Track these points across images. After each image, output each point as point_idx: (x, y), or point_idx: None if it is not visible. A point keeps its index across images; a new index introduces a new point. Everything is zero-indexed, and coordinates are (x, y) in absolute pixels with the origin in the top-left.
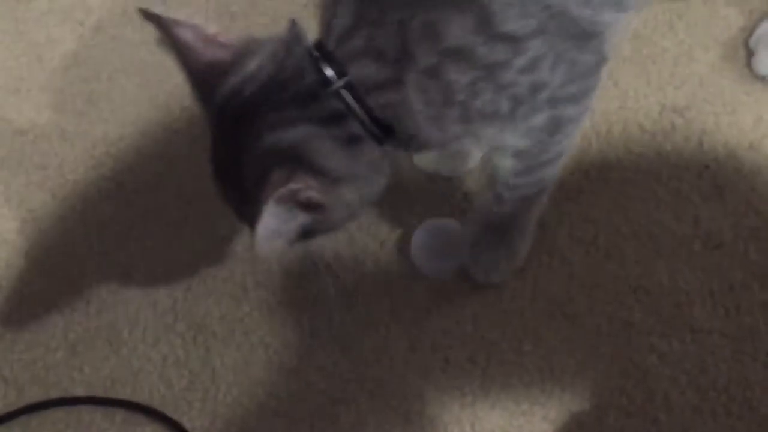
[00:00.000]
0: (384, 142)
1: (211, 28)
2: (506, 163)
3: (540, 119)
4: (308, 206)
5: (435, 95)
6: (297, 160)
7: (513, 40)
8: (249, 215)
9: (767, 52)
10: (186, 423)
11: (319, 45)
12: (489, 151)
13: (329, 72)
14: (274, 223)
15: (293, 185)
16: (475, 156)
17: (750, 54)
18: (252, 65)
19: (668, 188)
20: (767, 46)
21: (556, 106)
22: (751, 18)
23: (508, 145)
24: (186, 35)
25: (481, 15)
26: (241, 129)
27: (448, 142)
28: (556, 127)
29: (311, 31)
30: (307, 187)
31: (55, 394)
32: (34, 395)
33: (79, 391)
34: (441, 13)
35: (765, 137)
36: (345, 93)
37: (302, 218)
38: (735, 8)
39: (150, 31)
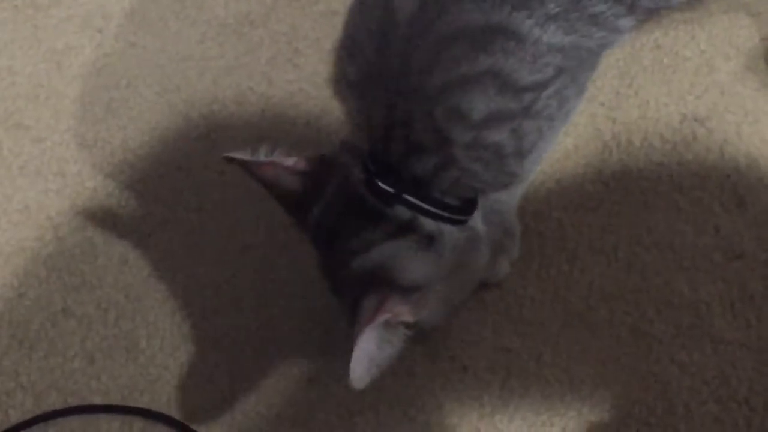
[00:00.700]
0: (468, 216)
1: (288, 160)
2: None
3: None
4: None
5: (486, 156)
6: (384, 283)
7: (536, 86)
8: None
9: None
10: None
11: (373, 158)
12: None
13: (385, 186)
14: (368, 350)
15: (382, 315)
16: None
17: None
18: (328, 194)
19: (689, 198)
20: None
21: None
22: None
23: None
24: (268, 173)
25: (498, 80)
26: (333, 254)
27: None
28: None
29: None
30: (398, 313)
31: (72, 402)
32: (51, 403)
33: (97, 400)
34: (459, 96)
35: None
36: (408, 197)
37: (398, 344)
38: (756, 18)
39: (168, 39)
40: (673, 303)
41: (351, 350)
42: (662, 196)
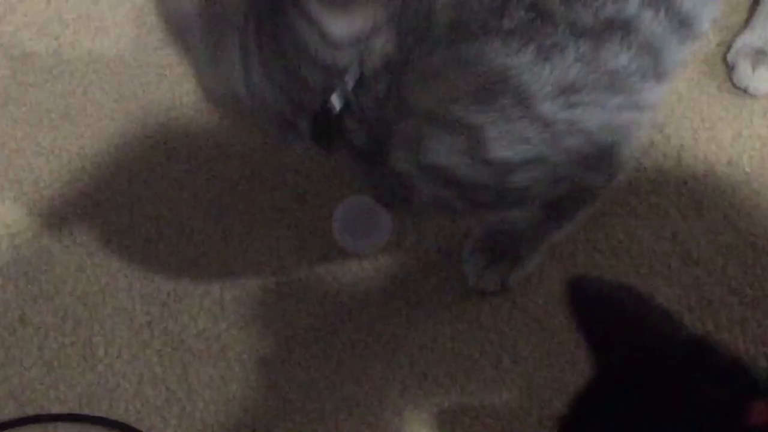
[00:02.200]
0: None
1: None
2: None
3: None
4: None
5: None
6: None
7: (501, 165)
8: None
9: (747, 64)
10: None
11: None
12: None
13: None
14: None
15: None
16: None
17: (729, 68)
18: None
19: (647, 204)
20: (746, 58)
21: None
22: (728, 34)
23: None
24: None
25: (474, 140)
26: None
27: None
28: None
29: None
30: None
31: (30, 411)
32: (8, 412)
33: (55, 408)
34: (431, 130)
35: (743, 153)
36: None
37: None
38: (712, 24)
39: (125, 46)
40: None
41: None
42: (620, 202)
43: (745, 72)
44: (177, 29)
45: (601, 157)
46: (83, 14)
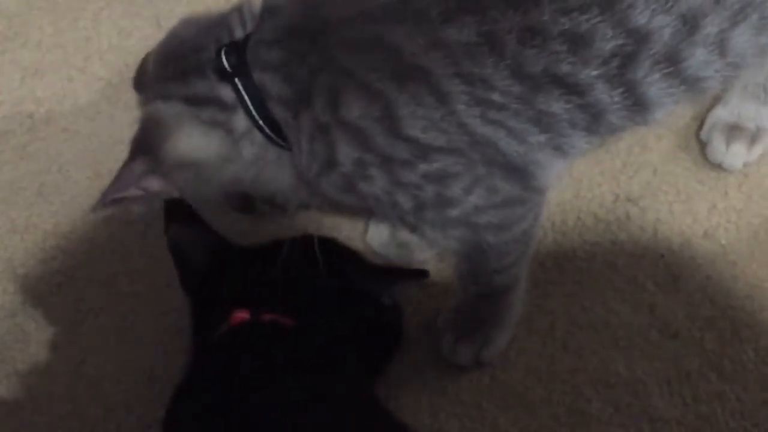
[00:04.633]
0: (274, 140)
1: None
2: (453, 260)
3: (456, 234)
4: None
5: (320, 149)
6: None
7: (417, 145)
8: None
9: (721, 139)
10: None
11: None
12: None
13: (225, 60)
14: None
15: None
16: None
17: (703, 144)
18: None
19: (624, 277)
20: (720, 134)
21: (475, 230)
22: (702, 108)
23: (432, 243)
24: None
25: (386, 110)
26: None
27: (323, 202)
28: (478, 251)
29: None
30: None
31: None
32: None
33: None
34: (348, 85)
35: (719, 226)
36: (239, 83)
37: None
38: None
39: (100, 123)
40: (610, 382)
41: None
42: (597, 276)
43: (719, 148)
44: None
45: (516, 168)
46: (58, 92)
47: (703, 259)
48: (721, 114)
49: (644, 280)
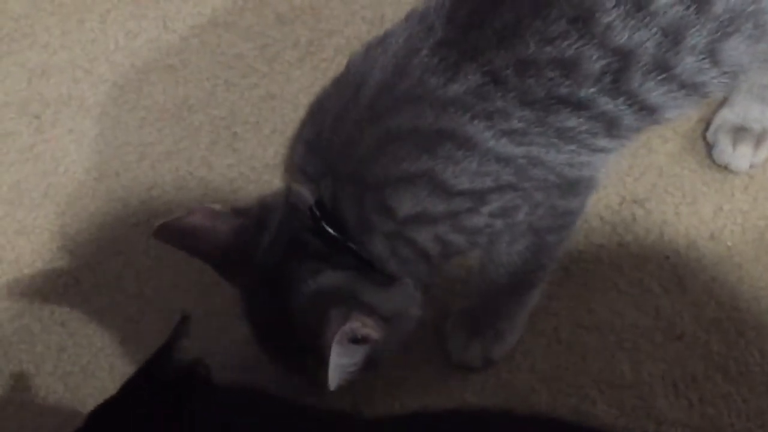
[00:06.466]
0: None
1: (216, 205)
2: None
3: (523, 243)
4: (365, 341)
5: (405, 252)
6: (348, 299)
7: (472, 194)
8: (303, 366)
9: (727, 141)
10: None
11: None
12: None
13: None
14: (341, 360)
15: (352, 324)
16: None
17: (709, 146)
18: (271, 234)
19: (629, 279)
20: (726, 135)
21: (538, 235)
22: (708, 109)
23: (498, 258)
24: (195, 220)
25: (431, 183)
26: (279, 291)
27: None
28: (538, 249)
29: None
30: (364, 325)
31: None
32: None
33: None
34: (388, 191)
35: (725, 227)
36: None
37: (364, 350)
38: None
39: (106, 124)
40: (615, 384)
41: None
42: (602, 278)
43: (725, 150)
44: None
45: (571, 182)
46: (64, 93)
47: (709, 261)
48: (727, 115)
49: (650, 282)
